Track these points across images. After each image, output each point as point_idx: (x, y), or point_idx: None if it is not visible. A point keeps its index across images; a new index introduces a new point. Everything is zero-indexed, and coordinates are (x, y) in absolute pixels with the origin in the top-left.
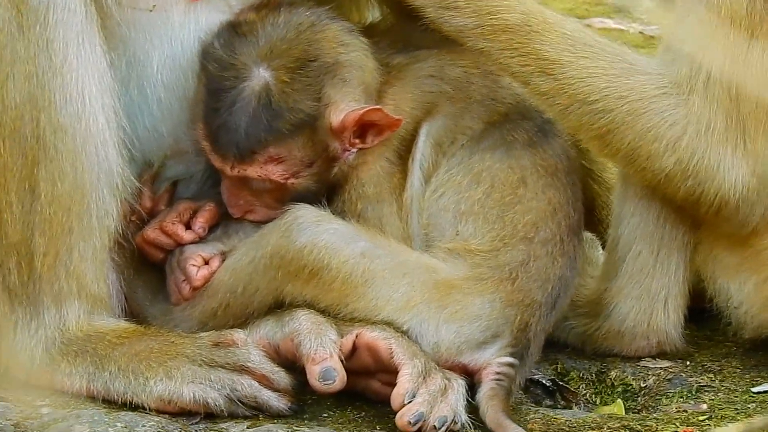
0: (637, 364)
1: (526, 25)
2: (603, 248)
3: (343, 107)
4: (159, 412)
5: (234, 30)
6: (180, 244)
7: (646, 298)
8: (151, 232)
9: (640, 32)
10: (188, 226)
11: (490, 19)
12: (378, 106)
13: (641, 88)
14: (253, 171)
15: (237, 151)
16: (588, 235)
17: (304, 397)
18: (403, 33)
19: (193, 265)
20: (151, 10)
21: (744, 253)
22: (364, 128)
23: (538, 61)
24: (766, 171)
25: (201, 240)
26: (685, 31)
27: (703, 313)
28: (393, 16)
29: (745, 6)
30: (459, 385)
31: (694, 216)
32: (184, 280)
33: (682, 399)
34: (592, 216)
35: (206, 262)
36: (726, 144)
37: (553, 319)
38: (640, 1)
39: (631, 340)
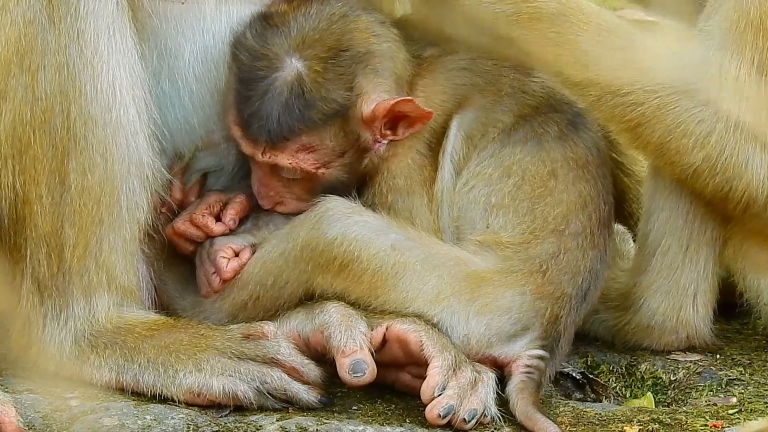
0: (667, 357)
1: (561, 14)
2: (634, 241)
3: (375, 97)
4: (188, 404)
5: (266, 20)
6: (210, 237)
7: (675, 292)
8: (182, 224)
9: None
10: (218, 219)
11: (527, 6)
12: (409, 97)
13: (672, 82)
14: (284, 158)
15: (269, 137)
16: (619, 228)
17: (333, 389)
18: (435, 25)
19: (223, 257)
20: (183, 2)
21: None
22: (395, 120)
23: (572, 51)
24: None
25: (231, 232)
26: (714, 29)
27: (733, 309)
28: (424, 9)
29: None
30: (489, 378)
31: (723, 212)
32: (214, 273)
33: (711, 392)
34: (622, 209)
35: (236, 255)
36: (754, 142)
37: (583, 312)
38: None
39: (660, 334)
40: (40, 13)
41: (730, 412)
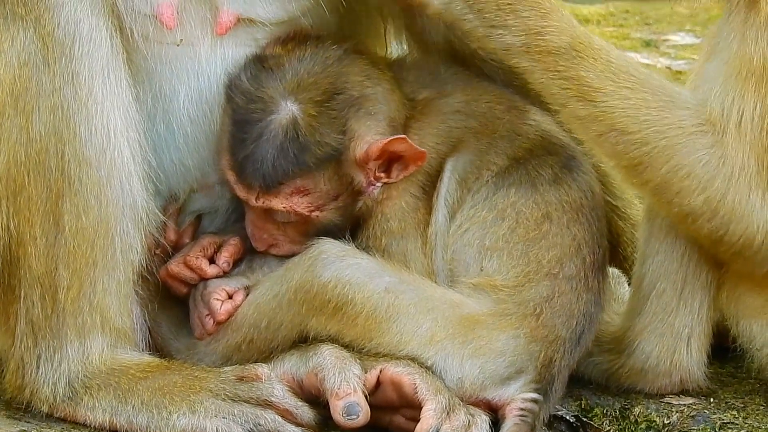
0: (661, 400)
1: (572, 49)
2: (629, 284)
3: (368, 139)
4: None
5: (261, 63)
6: (204, 279)
7: (670, 336)
8: (175, 266)
9: (668, 67)
10: (212, 261)
11: (538, 39)
12: (402, 136)
13: (679, 123)
14: (278, 202)
15: (263, 182)
16: (615, 271)
17: None
18: (429, 68)
19: (217, 300)
20: (178, 45)
21: (767, 295)
22: (389, 161)
23: (580, 86)
24: None
25: (225, 274)
26: (716, 74)
27: (727, 352)
28: (418, 51)
29: None
30: (483, 420)
31: (714, 255)
32: (208, 315)
33: None
34: (617, 252)
35: (230, 297)
36: (756, 188)
37: (577, 355)
38: (667, 35)
39: (654, 377)
40: (35, 55)
41: None
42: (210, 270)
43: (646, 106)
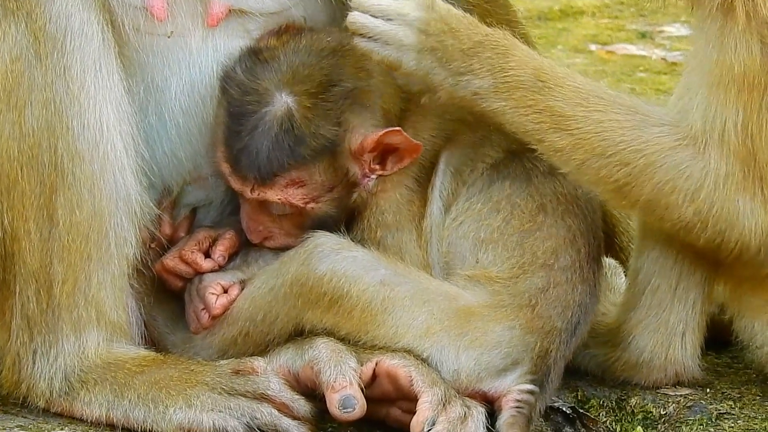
0: (657, 391)
1: (538, 80)
2: (625, 275)
3: (363, 131)
4: None
5: (256, 55)
6: (199, 273)
7: (664, 331)
8: (170, 261)
9: (663, 58)
10: (207, 255)
11: (504, 76)
12: (397, 128)
13: (657, 140)
14: (273, 194)
15: (258, 174)
16: (611, 262)
17: (324, 425)
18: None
19: (212, 294)
20: (169, 36)
21: (767, 295)
22: (384, 153)
23: (553, 117)
24: None
25: (220, 268)
26: (697, 84)
27: (726, 346)
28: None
29: (759, 62)
30: (479, 412)
31: (715, 259)
32: (203, 309)
33: (702, 426)
34: (613, 243)
35: (225, 291)
36: (744, 193)
37: (573, 345)
38: (662, 27)
39: (649, 372)
40: (27, 50)
41: None
42: (205, 264)
43: (620, 127)
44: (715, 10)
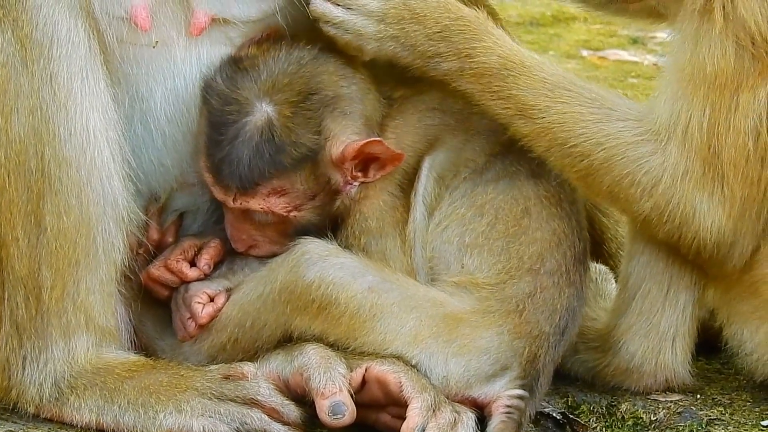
0: (648, 397)
1: (504, 68)
2: (616, 281)
3: (344, 139)
4: None
5: (236, 64)
6: (185, 282)
7: (655, 336)
8: (156, 270)
9: (655, 64)
10: (193, 263)
11: (470, 61)
12: (378, 138)
13: (618, 134)
14: (255, 203)
15: (239, 183)
16: (601, 267)
17: (314, 430)
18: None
19: (198, 303)
20: (153, 46)
21: (755, 301)
22: (366, 162)
23: (517, 105)
24: (743, 214)
25: (206, 277)
26: (668, 80)
27: (718, 352)
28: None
29: (733, 63)
30: (468, 418)
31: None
32: (190, 318)
33: None
34: (602, 249)
35: (211, 299)
36: (702, 190)
37: (561, 349)
38: (654, 32)
39: (639, 377)
40: (13, 57)
41: None
42: (191, 273)
43: (582, 119)
44: (694, 12)
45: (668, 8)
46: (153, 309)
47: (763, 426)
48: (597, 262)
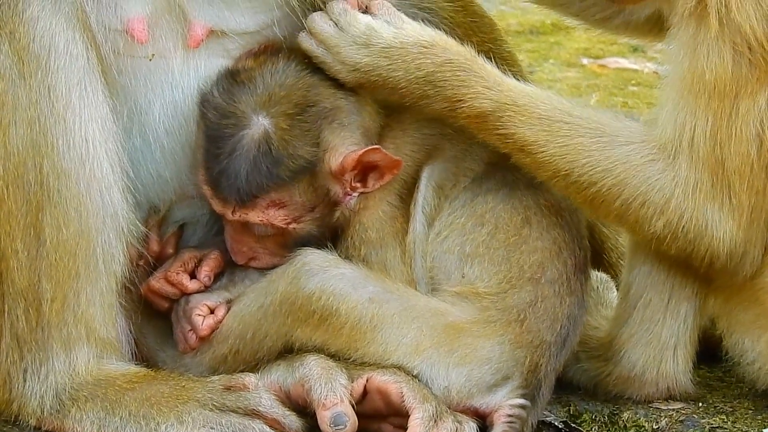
0: (650, 405)
1: (498, 110)
2: (617, 289)
3: (343, 151)
4: None
5: (233, 77)
6: (185, 294)
7: (656, 345)
8: (156, 282)
9: (655, 72)
10: (193, 275)
11: (461, 105)
12: (376, 146)
13: (626, 158)
14: (254, 216)
15: (238, 196)
16: (603, 276)
17: None
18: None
19: (199, 315)
20: (150, 59)
21: (757, 309)
22: (365, 171)
23: (516, 141)
24: (752, 224)
25: (206, 289)
26: (669, 92)
27: (720, 361)
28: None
29: (731, 70)
30: (470, 428)
31: (691, 268)
32: (191, 330)
33: None
34: (602, 259)
35: (212, 311)
36: (713, 201)
37: (563, 358)
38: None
39: (640, 386)
40: (10, 69)
41: None
42: (191, 285)
43: (585, 149)
44: (689, 17)
45: (666, 16)
46: (154, 320)
47: None
48: (599, 271)
